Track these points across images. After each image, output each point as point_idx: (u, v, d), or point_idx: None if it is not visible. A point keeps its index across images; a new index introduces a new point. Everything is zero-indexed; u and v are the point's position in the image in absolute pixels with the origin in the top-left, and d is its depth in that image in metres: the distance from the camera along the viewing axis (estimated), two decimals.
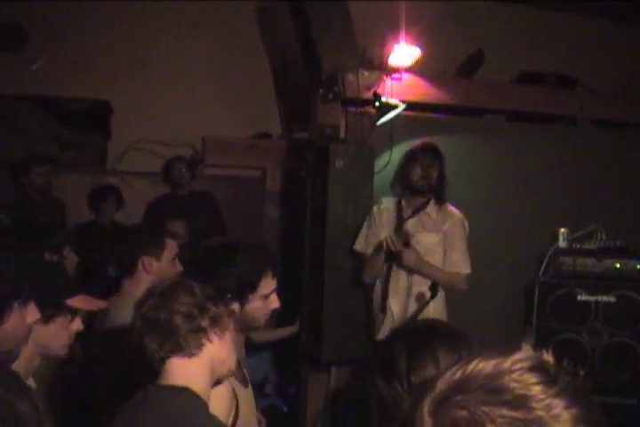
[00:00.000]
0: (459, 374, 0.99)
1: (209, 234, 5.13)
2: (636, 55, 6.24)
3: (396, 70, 5.00)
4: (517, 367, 0.98)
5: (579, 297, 4.91)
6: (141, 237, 3.17)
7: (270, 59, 6.18)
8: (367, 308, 4.57)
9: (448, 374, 1.00)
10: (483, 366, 0.99)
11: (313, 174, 4.85)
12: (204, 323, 1.98)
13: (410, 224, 4.28)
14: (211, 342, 1.98)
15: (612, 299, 4.95)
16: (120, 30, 5.92)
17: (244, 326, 2.52)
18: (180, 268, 3.14)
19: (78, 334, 2.33)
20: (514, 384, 0.95)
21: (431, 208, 4.30)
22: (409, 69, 5.05)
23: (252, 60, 6.18)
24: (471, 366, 0.99)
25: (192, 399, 1.89)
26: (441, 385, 0.99)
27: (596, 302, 4.94)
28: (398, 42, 4.93)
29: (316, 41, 4.72)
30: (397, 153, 4.99)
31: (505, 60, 5.88)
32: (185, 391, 1.90)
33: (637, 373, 4.97)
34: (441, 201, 4.30)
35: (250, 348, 4.82)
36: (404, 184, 4.32)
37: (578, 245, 5.05)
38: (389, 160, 4.92)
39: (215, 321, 2.00)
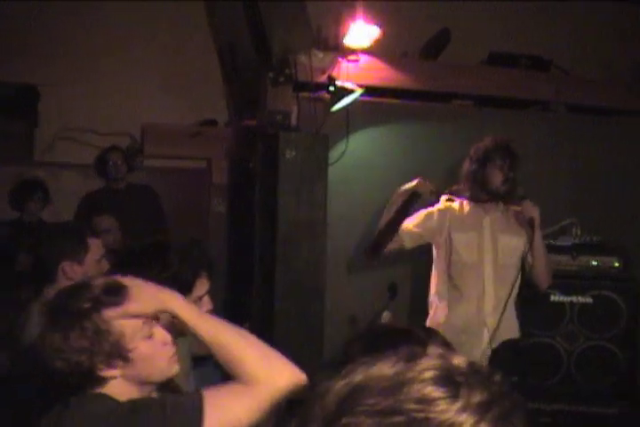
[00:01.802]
0: (354, 383, 0.96)
1: (149, 231, 5.20)
2: (620, 34, 6.36)
3: (352, 52, 5.06)
4: (420, 378, 0.94)
5: (552, 297, 4.99)
6: (61, 241, 3.22)
7: (216, 39, 6.21)
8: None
9: (341, 383, 0.97)
10: (380, 374, 0.96)
11: (262, 165, 4.91)
12: (93, 360, 1.92)
13: (485, 224, 4.41)
14: (114, 368, 1.96)
15: (589, 299, 5.04)
16: (50, 10, 5.91)
17: (180, 331, 2.59)
18: (107, 267, 3.21)
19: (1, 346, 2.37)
20: (411, 405, 0.91)
21: (503, 209, 4.44)
22: (367, 51, 5.11)
23: (196, 41, 6.20)
24: (368, 375, 0.96)
25: (109, 403, 1.94)
26: (331, 400, 0.95)
27: (571, 303, 5.04)
28: (355, 20, 4.98)
29: (265, 19, 4.79)
30: (354, 142, 5.10)
31: (474, 40, 5.94)
32: (103, 397, 1.95)
33: (617, 379, 5.12)
34: (510, 202, 4.43)
35: (196, 358, 4.92)
36: (479, 187, 4.40)
37: (551, 242, 5.13)
38: (345, 150, 5.02)
39: (102, 342, 1.93)
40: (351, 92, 4.88)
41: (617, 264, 5.18)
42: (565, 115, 5.79)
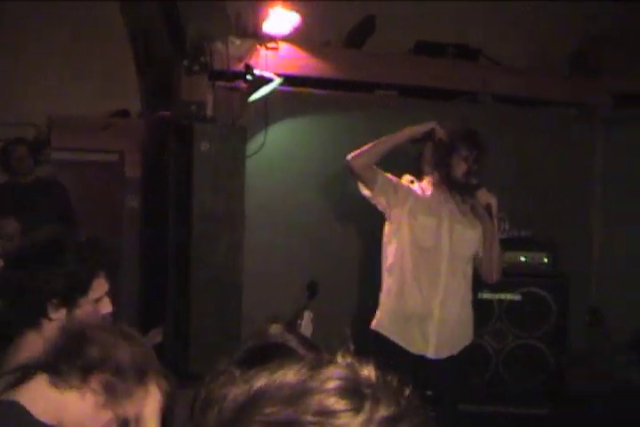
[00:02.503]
0: (254, 390, 0.95)
1: (54, 228, 5.19)
2: (554, 23, 6.49)
3: (271, 39, 5.10)
4: (324, 388, 0.93)
5: (479, 295, 5.06)
6: None
7: (128, 25, 6.20)
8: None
9: (241, 389, 0.96)
10: (282, 381, 0.95)
11: (176, 158, 4.94)
12: None
13: (444, 212, 4.47)
14: None
15: (517, 297, 5.20)
16: None
17: None
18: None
19: None
20: (310, 417, 0.90)
21: (461, 200, 4.51)
22: (287, 38, 5.16)
23: (107, 26, 6.18)
24: (270, 381, 0.96)
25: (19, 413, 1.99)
26: (229, 406, 0.95)
27: (500, 301, 5.20)
28: (274, 6, 5.03)
29: (180, 5, 4.83)
30: (273, 134, 5.15)
31: (400, 29, 5.95)
32: (13, 405, 1.97)
33: (546, 378, 5.24)
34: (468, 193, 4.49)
35: None
36: (442, 175, 4.46)
37: None
38: (264, 142, 5.07)
39: None
40: (270, 81, 4.92)
41: (546, 260, 5.33)
42: (494, 106, 5.91)
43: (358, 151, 4.30)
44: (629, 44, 6.06)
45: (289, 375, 0.95)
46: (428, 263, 4.33)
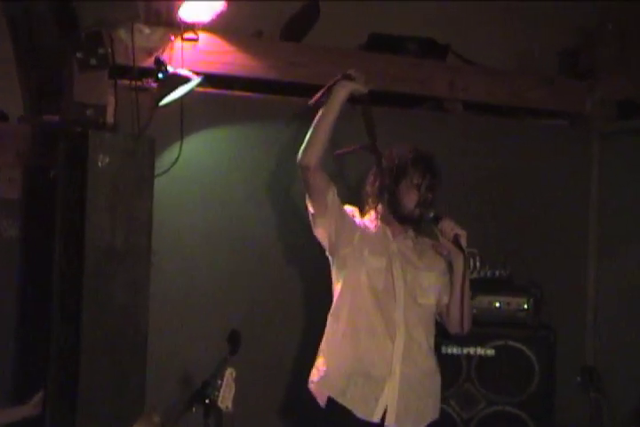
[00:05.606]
0: None
1: None
2: (535, 15, 6.59)
3: (189, 28, 5.13)
4: None
5: (444, 350, 5.16)
6: None
7: (6, 9, 6.17)
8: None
9: None
10: None
11: (66, 175, 4.90)
12: None
13: (393, 251, 4.52)
14: None
15: (490, 352, 5.26)
16: None
17: None
18: None
19: None
20: None
21: (413, 237, 4.60)
22: (209, 27, 5.19)
23: None
24: None
25: None
26: None
27: (468, 357, 5.25)
28: None
29: None
30: (190, 147, 5.14)
31: (350, 19, 6.05)
32: None
33: None
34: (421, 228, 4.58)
35: None
36: (389, 207, 4.54)
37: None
38: (179, 157, 5.09)
39: None
40: (186, 80, 4.93)
41: (526, 306, 5.39)
42: (464, 115, 6.02)
43: (302, 148, 4.43)
44: (630, 41, 6.15)
45: None
46: (383, 310, 4.38)
